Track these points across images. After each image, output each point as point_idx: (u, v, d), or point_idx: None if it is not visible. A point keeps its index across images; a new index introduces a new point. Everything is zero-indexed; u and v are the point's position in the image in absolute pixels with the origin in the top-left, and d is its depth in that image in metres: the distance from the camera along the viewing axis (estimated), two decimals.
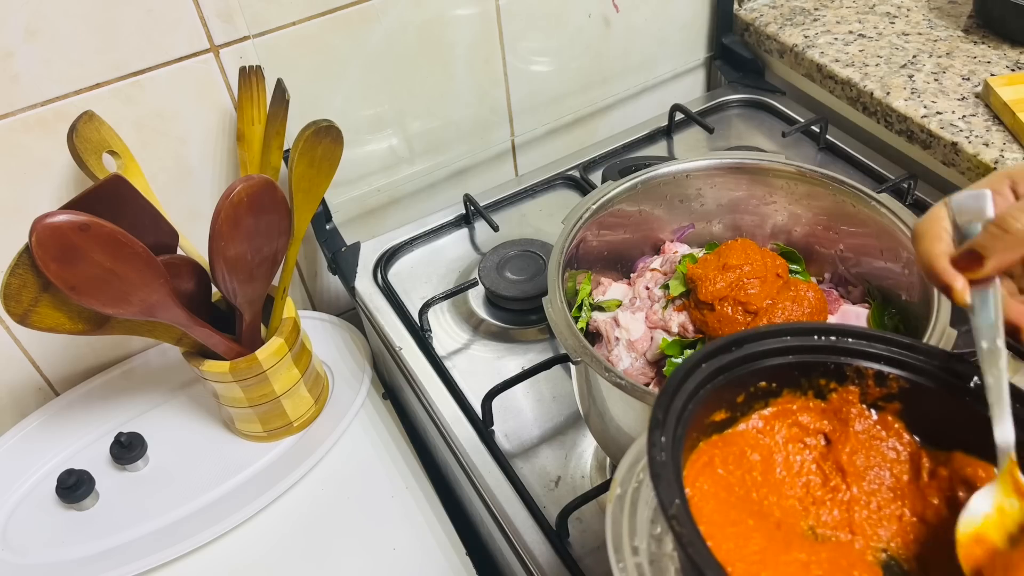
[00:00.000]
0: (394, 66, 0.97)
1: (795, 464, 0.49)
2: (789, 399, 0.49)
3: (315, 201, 0.83)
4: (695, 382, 0.44)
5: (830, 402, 0.49)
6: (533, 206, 1.04)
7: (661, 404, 0.42)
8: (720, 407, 0.47)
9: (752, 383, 0.48)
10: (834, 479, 0.48)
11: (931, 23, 1.10)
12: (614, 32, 1.11)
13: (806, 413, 0.49)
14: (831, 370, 0.48)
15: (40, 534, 0.81)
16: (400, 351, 0.87)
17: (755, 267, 0.66)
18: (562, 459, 0.76)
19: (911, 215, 0.66)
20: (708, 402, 0.46)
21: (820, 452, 0.49)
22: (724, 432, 0.48)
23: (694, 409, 0.44)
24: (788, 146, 1.05)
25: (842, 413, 0.49)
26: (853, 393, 0.49)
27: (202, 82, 0.87)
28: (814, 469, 0.49)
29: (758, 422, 0.49)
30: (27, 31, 0.76)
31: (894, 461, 0.48)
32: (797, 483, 0.48)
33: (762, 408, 0.49)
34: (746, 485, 0.47)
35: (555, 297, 0.65)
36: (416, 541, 0.80)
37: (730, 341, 0.47)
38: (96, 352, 0.97)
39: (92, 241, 0.64)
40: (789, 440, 0.49)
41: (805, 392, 0.49)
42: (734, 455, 0.47)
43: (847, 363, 0.48)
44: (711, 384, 0.45)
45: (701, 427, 0.46)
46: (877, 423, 0.49)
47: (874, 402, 0.49)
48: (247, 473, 0.85)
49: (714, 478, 0.45)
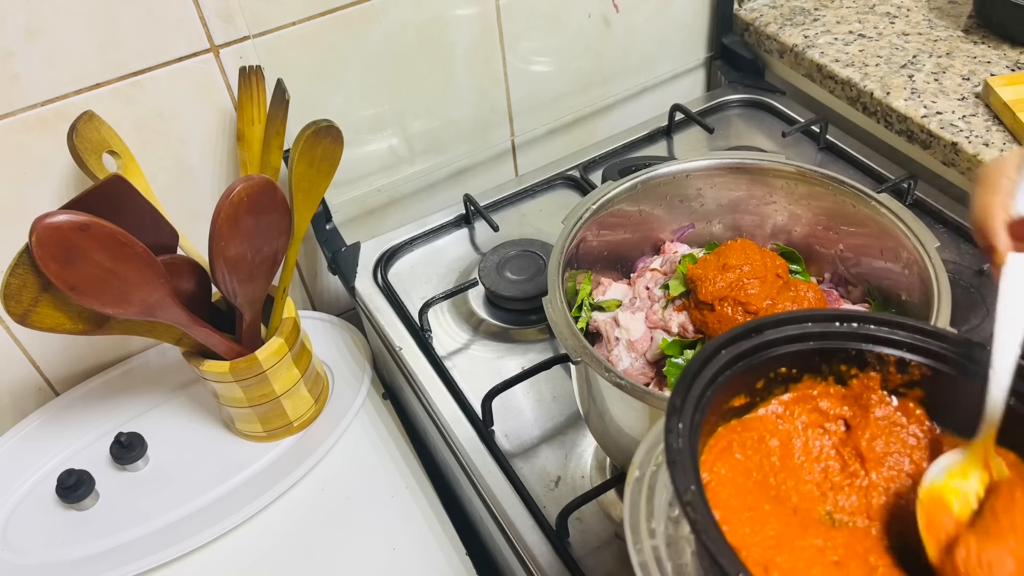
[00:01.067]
0: (394, 66, 0.97)
1: (814, 449, 0.49)
2: (809, 384, 0.49)
3: (315, 201, 0.83)
4: (714, 369, 0.44)
5: (851, 388, 0.49)
6: (533, 206, 1.04)
7: (679, 391, 0.42)
8: (740, 392, 0.47)
9: (772, 369, 0.48)
10: (853, 465, 0.48)
11: (931, 23, 1.10)
12: (614, 32, 1.11)
13: (826, 399, 0.49)
14: (852, 356, 0.48)
15: (40, 534, 0.81)
16: (400, 351, 0.87)
17: (755, 267, 0.66)
18: (562, 459, 0.76)
19: (911, 215, 0.66)
20: (727, 388, 0.45)
21: (840, 438, 0.49)
22: (743, 417, 0.48)
23: (713, 395, 0.44)
24: (788, 146, 1.05)
25: (863, 399, 0.49)
26: (874, 379, 0.49)
27: (202, 82, 0.87)
28: (833, 454, 0.49)
29: (778, 407, 0.49)
30: (27, 31, 0.76)
31: (914, 448, 0.48)
32: (816, 468, 0.48)
33: (782, 393, 0.49)
34: (764, 470, 0.47)
35: (555, 297, 0.65)
36: (416, 541, 0.80)
37: (750, 328, 0.46)
38: (96, 352, 0.97)
39: (92, 241, 0.64)
40: (809, 425, 0.49)
41: (826, 378, 0.49)
42: (753, 440, 0.47)
43: (868, 350, 0.48)
44: (731, 370, 0.45)
45: (720, 412, 0.46)
46: (898, 409, 0.49)
47: (895, 389, 0.49)
48: (247, 473, 0.85)
49: (732, 463, 0.45)
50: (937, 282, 0.61)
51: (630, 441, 0.63)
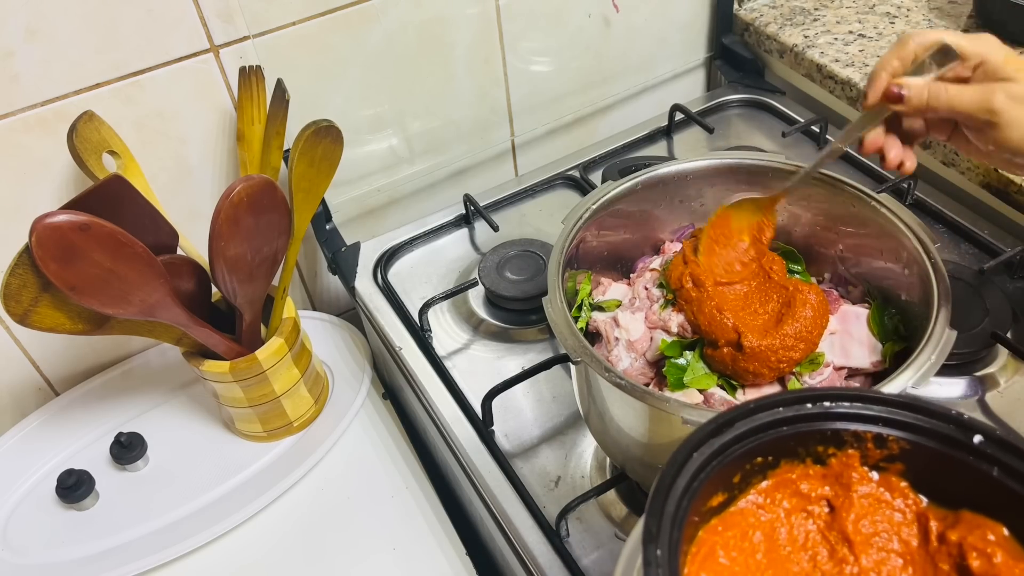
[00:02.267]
0: (394, 66, 0.97)
1: (799, 536, 0.47)
2: (787, 469, 0.48)
3: (315, 201, 0.83)
4: (688, 475, 0.42)
5: (830, 467, 0.48)
6: (533, 206, 1.04)
7: (653, 511, 0.40)
8: (717, 491, 0.46)
9: (748, 461, 0.46)
10: (841, 550, 0.47)
11: (931, 23, 1.10)
12: (614, 32, 1.11)
13: (806, 481, 0.48)
14: (828, 437, 0.47)
15: (40, 534, 0.81)
16: (400, 351, 0.87)
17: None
18: (562, 459, 0.76)
19: (911, 215, 0.66)
20: (703, 491, 0.44)
21: (825, 521, 0.48)
22: (723, 513, 0.47)
23: (689, 504, 0.42)
24: (788, 146, 1.04)
25: (844, 477, 0.48)
26: (853, 457, 0.48)
27: (202, 82, 0.87)
28: (819, 540, 0.47)
29: (757, 497, 0.48)
30: (27, 31, 0.76)
31: (901, 524, 0.47)
32: (803, 558, 0.47)
33: (760, 482, 0.48)
34: (751, 570, 0.45)
35: (555, 297, 0.65)
36: (416, 541, 0.80)
37: (720, 423, 0.45)
38: (96, 352, 0.97)
39: (92, 241, 0.64)
40: (791, 511, 0.48)
41: (803, 460, 0.48)
42: (735, 538, 0.46)
43: (844, 428, 0.47)
44: (704, 471, 0.43)
45: (699, 514, 0.45)
46: (880, 484, 0.48)
47: (875, 464, 0.48)
48: (247, 473, 0.85)
49: (717, 569, 0.44)
50: (937, 282, 0.61)
51: (630, 441, 0.63)
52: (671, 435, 0.59)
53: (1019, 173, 0.68)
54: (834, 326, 0.68)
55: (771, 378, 0.65)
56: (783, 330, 0.64)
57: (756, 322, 0.66)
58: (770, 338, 0.63)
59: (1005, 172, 0.86)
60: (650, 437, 0.61)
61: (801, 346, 0.64)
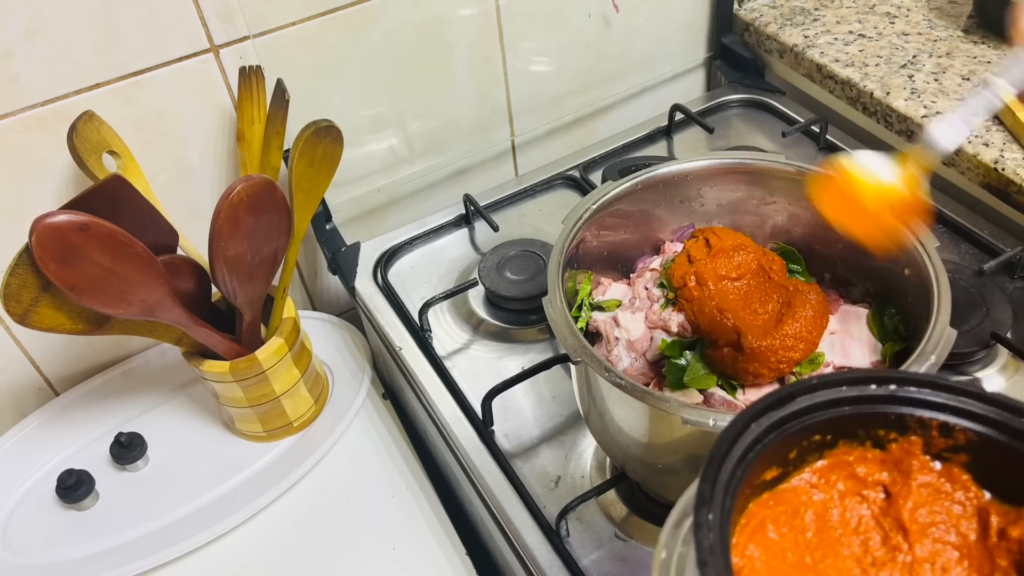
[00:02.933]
0: (394, 66, 0.97)
1: (852, 520, 0.46)
2: (845, 450, 0.46)
3: (315, 201, 0.83)
4: (744, 445, 0.41)
5: (890, 452, 0.46)
6: (533, 206, 1.04)
7: (707, 477, 0.39)
8: (772, 465, 0.45)
9: (805, 437, 0.45)
10: (895, 537, 0.45)
11: (931, 23, 1.10)
12: (614, 32, 1.11)
13: (863, 464, 0.47)
14: (891, 421, 0.45)
15: (40, 534, 0.81)
16: (400, 351, 0.87)
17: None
18: (562, 459, 0.76)
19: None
20: (758, 463, 0.42)
21: (880, 507, 0.46)
22: (775, 488, 0.46)
23: (743, 474, 0.41)
24: (788, 146, 1.04)
25: (903, 464, 0.46)
26: (916, 444, 0.46)
27: (202, 82, 0.87)
28: (873, 525, 0.46)
29: (811, 476, 0.46)
30: (27, 31, 0.76)
31: (960, 517, 0.45)
32: (854, 541, 0.45)
33: (815, 461, 0.46)
34: (800, 548, 0.44)
35: (555, 297, 0.64)
36: (416, 541, 0.80)
37: (781, 396, 0.44)
38: (96, 352, 0.97)
39: (92, 241, 0.64)
40: (846, 494, 0.46)
41: (863, 442, 0.46)
42: (786, 514, 0.45)
43: (909, 413, 0.45)
44: (761, 444, 0.42)
45: (751, 486, 0.44)
46: (942, 475, 0.46)
47: (939, 453, 0.46)
48: (247, 473, 0.85)
49: (766, 543, 0.43)
50: (937, 282, 0.61)
51: (630, 441, 0.63)
52: (671, 435, 0.59)
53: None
54: (834, 326, 0.68)
55: (771, 378, 0.65)
56: (783, 330, 0.64)
57: (756, 322, 0.66)
58: (770, 338, 0.63)
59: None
60: (650, 437, 0.61)
61: (801, 346, 0.64)
